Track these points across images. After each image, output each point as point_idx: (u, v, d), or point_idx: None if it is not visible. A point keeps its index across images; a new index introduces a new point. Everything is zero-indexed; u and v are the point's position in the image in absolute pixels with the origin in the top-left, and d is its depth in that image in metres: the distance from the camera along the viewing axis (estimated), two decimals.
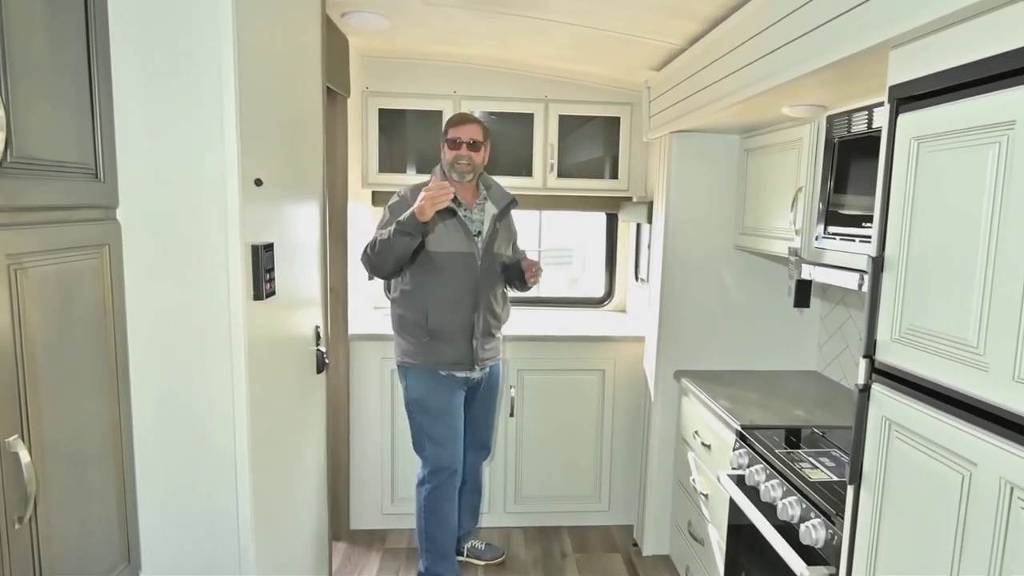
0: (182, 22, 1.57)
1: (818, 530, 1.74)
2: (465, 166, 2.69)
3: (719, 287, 3.11)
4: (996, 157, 1.12)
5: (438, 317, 2.70)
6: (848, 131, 2.10)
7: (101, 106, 1.46)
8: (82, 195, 1.42)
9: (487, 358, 2.84)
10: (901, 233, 1.36)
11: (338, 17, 2.78)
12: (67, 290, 1.35)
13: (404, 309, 2.76)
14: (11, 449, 1.15)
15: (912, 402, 1.31)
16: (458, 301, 2.71)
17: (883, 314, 1.40)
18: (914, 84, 1.34)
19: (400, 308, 2.77)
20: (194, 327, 1.67)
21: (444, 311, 2.70)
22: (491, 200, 2.78)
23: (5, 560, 1.15)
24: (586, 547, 3.41)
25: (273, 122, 1.88)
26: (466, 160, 2.68)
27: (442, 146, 2.74)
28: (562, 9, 2.52)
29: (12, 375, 1.17)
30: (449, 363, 2.76)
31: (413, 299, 2.72)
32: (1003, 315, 1.09)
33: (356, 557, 3.25)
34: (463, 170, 2.70)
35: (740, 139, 2.97)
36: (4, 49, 1.15)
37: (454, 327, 2.72)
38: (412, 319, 2.73)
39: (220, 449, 1.72)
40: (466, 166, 2.69)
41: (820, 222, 2.24)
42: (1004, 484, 1.08)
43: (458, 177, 2.71)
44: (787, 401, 2.66)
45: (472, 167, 2.71)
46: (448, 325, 2.71)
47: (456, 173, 2.70)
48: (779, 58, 1.87)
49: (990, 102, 1.14)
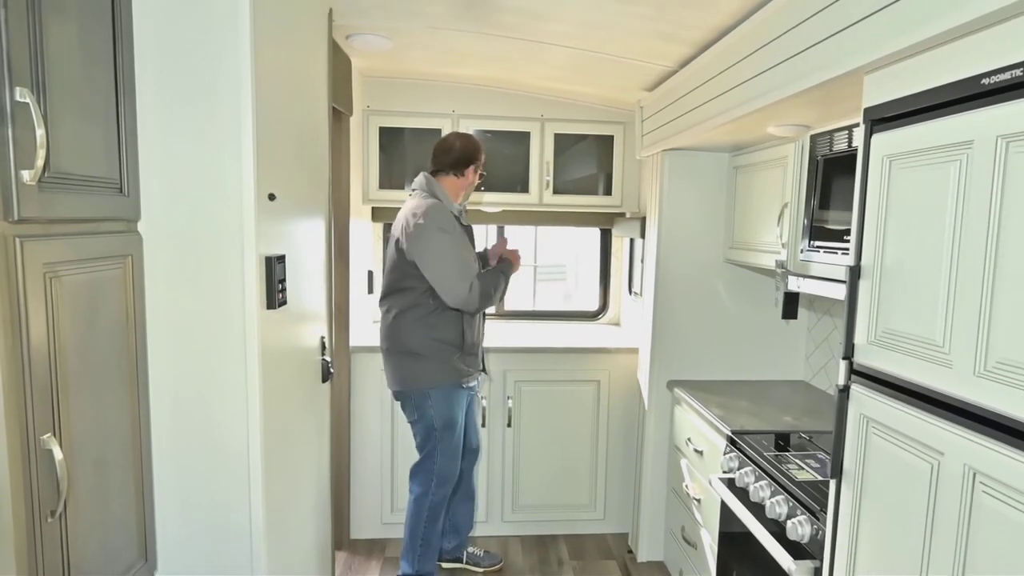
0: (202, 47, 1.65)
1: (804, 526, 1.83)
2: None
3: (710, 300, 3.21)
4: (957, 173, 1.22)
5: (471, 333, 2.82)
6: (830, 149, 2.21)
7: (126, 125, 1.54)
8: (108, 208, 1.50)
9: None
10: (876, 244, 1.46)
11: (342, 39, 2.87)
12: (94, 298, 1.42)
13: (441, 332, 2.76)
14: (45, 446, 1.23)
15: (887, 399, 1.41)
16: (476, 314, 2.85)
17: (860, 319, 1.51)
18: (886, 106, 1.45)
19: (437, 332, 2.76)
20: (210, 335, 1.74)
21: (474, 325, 2.84)
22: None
23: (38, 552, 1.23)
24: (582, 554, 3.48)
25: (283, 140, 1.97)
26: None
27: (468, 169, 2.83)
28: (560, 33, 2.63)
29: (47, 377, 1.25)
30: (471, 373, 2.88)
31: (452, 322, 2.76)
32: (965, 316, 1.19)
33: (357, 566, 3.31)
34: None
35: (729, 157, 3.08)
36: (44, 72, 1.23)
37: (479, 338, 2.89)
38: (450, 341, 2.77)
39: (233, 453, 1.79)
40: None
41: (805, 236, 2.33)
42: (968, 470, 1.18)
43: (465, 198, 2.89)
44: (776, 408, 2.75)
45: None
46: (476, 338, 2.86)
47: (466, 195, 2.89)
48: (765, 81, 1.97)
49: (951, 123, 1.25)
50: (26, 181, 1.17)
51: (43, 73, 1.23)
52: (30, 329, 1.19)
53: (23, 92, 1.15)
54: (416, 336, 2.77)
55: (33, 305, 1.20)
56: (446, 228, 2.67)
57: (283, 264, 1.92)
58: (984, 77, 1.16)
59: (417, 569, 2.99)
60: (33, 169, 1.18)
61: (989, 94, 1.16)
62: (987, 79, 1.16)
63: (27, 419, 1.20)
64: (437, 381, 2.79)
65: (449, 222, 2.69)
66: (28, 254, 1.19)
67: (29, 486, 1.21)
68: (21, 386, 1.18)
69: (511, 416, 3.52)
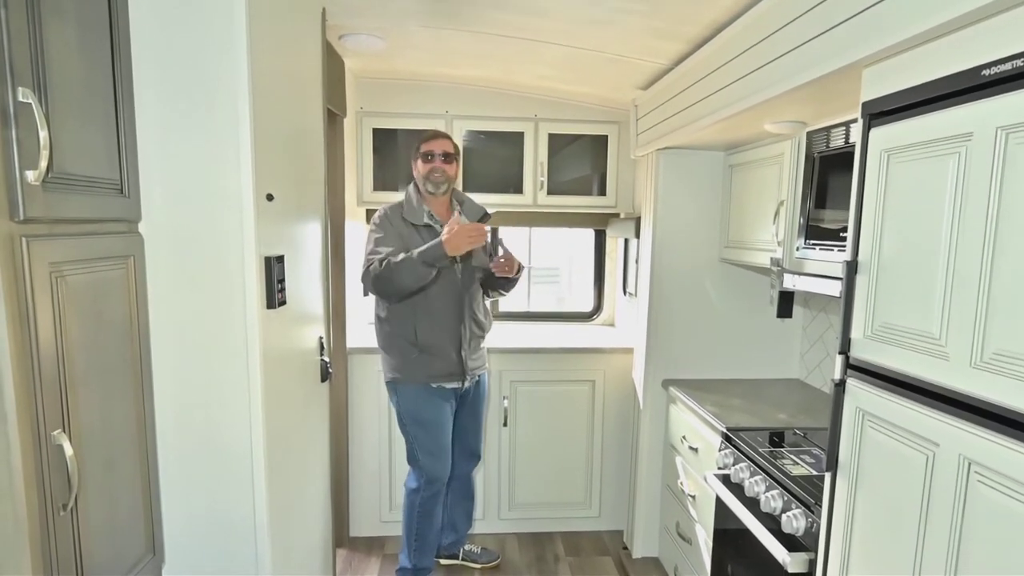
0: (198, 49, 1.66)
1: (799, 519, 1.86)
2: (439, 177, 2.80)
3: (705, 299, 3.23)
4: (956, 166, 1.24)
5: (427, 332, 2.80)
6: (827, 146, 2.23)
7: (125, 126, 1.55)
8: (110, 209, 1.51)
9: (476, 367, 2.96)
10: (873, 238, 1.48)
11: (335, 39, 2.88)
12: (98, 299, 1.43)
13: (392, 326, 2.83)
14: (56, 442, 1.25)
15: (883, 393, 1.43)
16: (445, 315, 2.82)
17: (857, 314, 1.53)
18: (885, 100, 1.46)
19: (388, 326, 2.84)
20: (211, 335, 1.76)
21: (432, 326, 2.80)
22: (465, 214, 2.87)
23: (52, 544, 1.24)
24: (578, 551, 3.50)
25: (280, 140, 1.98)
26: (440, 172, 2.80)
27: (415, 162, 2.86)
28: (554, 30, 2.64)
29: (56, 375, 1.27)
30: (441, 376, 2.86)
31: (400, 316, 2.80)
32: (962, 309, 1.21)
33: (356, 563, 3.32)
34: (438, 181, 2.81)
35: (724, 155, 3.10)
36: (45, 74, 1.24)
37: (443, 340, 2.83)
38: (401, 335, 2.81)
39: (237, 451, 1.80)
40: (440, 177, 2.81)
41: (801, 233, 2.35)
42: (962, 460, 1.20)
43: (432, 188, 2.82)
44: (771, 406, 2.77)
45: (446, 178, 2.83)
46: (437, 339, 2.81)
47: (431, 184, 2.81)
48: (763, 76, 1.98)
49: (951, 116, 1.26)
50: (31, 181, 1.19)
51: (44, 74, 1.24)
52: (38, 328, 1.21)
53: (25, 92, 1.16)
54: (381, 330, 2.90)
55: (41, 304, 1.22)
56: (376, 222, 2.81)
57: (282, 264, 1.93)
58: (985, 68, 1.17)
59: (414, 563, 3.02)
60: (37, 169, 1.19)
61: (989, 85, 1.17)
62: (988, 70, 1.17)
63: (38, 415, 1.21)
64: (400, 376, 2.86)
65: (384, 218, 2.80)
66: (35, 254, 1.20)
67: (42, 480, 1.22)
68: (31, 383, 1.20)
69: (507, 416, 3.53)
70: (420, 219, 2.79)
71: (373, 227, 2.80)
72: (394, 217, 2.79)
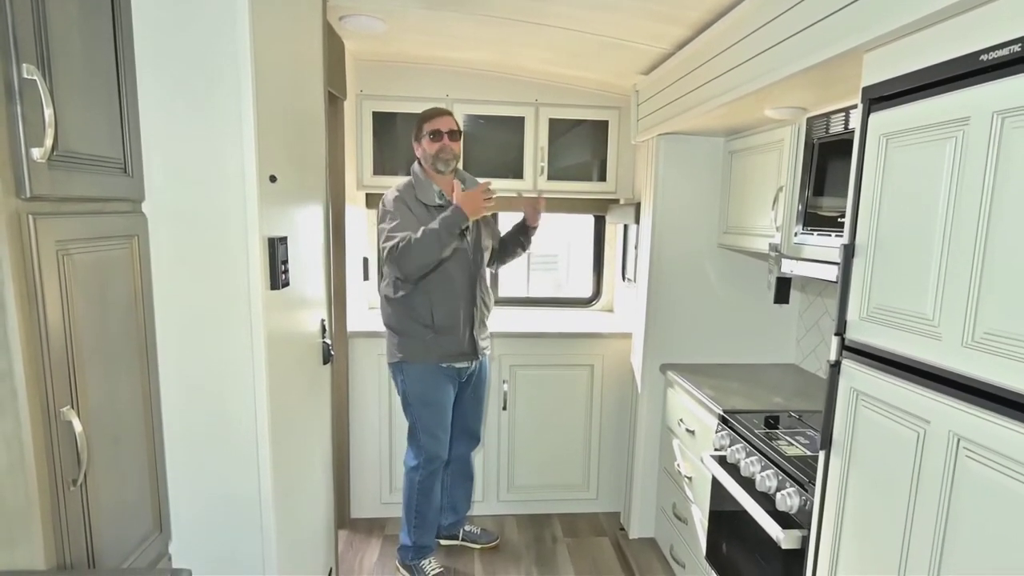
0: (202, 28, 1.66)
1: (792, 498, 1.89)
2: (449, 155, 2.81)
3: (704, 284, 3.25)
4: (953, 149, 1.26)
5: (443, 313, 2.82)
6: (827, 132, 2.23)
7: (127, 105, 1.56)
8: (114, 188, 1.51)
9: (484, 347, 2.99)
10: (870, 222, 1.50)
11: (336, 21, 2.87)
12: (103, 277, 1.45)
13: (406, 307, 2.83)
14: (65, 418, 1.27)
15: (877, 373, 1.46)
16: (459, 296, 2.84)
17: (853, 296, 1.55)
18: (885, 85, 1.47)
19: (401, 306, 2.85)
20: (215, 315, 1.77)
21: (448, 306, 2.83)
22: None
23: (63, 518, 1.27)
24: (576, 532, 3.55)
25: (282, 121, 1.98)
26: (449, 150, 2.80)
27: (419, 142, 2.85)
28: (557, 15, 2.63)
29: (63, 352, 1.28)
30: (452, 355, 2.89)
31: (416, 297, 2.81)
32: (955, 290, 1.24)
33: (358, 544, 3.37)
34: (448, 159, 2.81)
35: (725, 141, 3.10)
36: (48, 52, 1.24)
37: (457, 321, 2.86)
38: (416, 317, 2.82)
39: (241, 430, 1.82)
40: (449, 155, 2.81)
41: (799, 219, 2.37)
42: (952, 436, 1.23)
43: (443, 167, 2.82)
44: (767, 390, 2.80)
45: (454, 155, 2.83)
46: (452, 319, 2.84)
47: (441, 163, 2.81)
48: (765, 60, 1.99)
49: (949, 100, 1.28)
50: (36, 159, 1.19)
51: (47, 52, 1.24)
52: (47, 305, 1.22)
53: (30, 69, 1.16)
54: (392, 314, 2.89)
55: (48, 281, 1.23)
56: (390, 208, 2.78)
57: (285, 245, 1.94)
58: (983, 53, 1.19)
59: (415, 540, 3.07)
60: (43, 147, 1.20)
61: (987, 70, 1.19)
62: (986, 55, 1.18)
63: (47, 392, 1.23)
64: (409, 357, 2.87)
65: (399, 201, 2.78)
66: (42, 231, 1.21)
67: (51, 455, 1.24)
68: (40, 359, 1.22)
69: (506, 399, 3.56)
70: (432, 199, 2.80)
71: (390, 210, 2.78)
72: (408, 198, 2.79)
